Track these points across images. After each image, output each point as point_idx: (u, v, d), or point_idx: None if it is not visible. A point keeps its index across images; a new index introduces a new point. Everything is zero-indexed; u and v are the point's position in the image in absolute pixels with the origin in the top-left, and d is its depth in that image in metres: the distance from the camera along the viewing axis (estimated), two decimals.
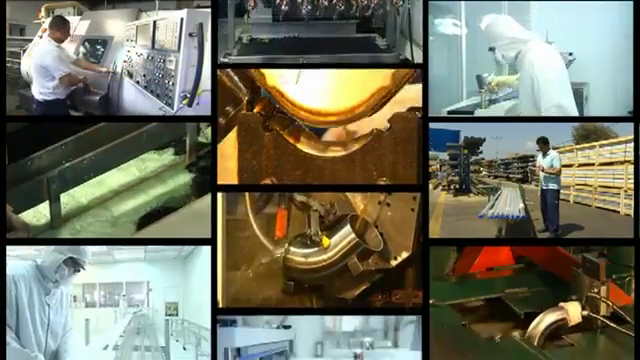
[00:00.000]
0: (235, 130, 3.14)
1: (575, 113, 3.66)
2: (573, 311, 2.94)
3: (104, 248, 5.55)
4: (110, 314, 7.00)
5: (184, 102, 4.16)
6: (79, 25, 5.31)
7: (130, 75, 4.78)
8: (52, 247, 3.15)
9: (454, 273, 3.62)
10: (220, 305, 3.20)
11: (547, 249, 3.45)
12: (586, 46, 3.96)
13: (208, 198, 3.23)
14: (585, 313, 2.96)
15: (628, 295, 3.26)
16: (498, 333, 3.09)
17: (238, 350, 3.05)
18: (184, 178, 3.90)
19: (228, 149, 3.15)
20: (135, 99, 4.62)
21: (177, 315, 6.53)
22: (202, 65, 4.10)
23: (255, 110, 3.25)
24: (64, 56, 4.38)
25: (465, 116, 4.11)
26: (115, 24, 5.01)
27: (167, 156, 4.05)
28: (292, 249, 3.18)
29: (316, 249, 3.12)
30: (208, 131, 3.83)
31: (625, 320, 2.96)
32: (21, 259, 3.39)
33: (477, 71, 4.40)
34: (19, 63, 5.34)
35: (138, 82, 4.64)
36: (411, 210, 3.18)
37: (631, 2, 3.47)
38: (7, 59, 4.12)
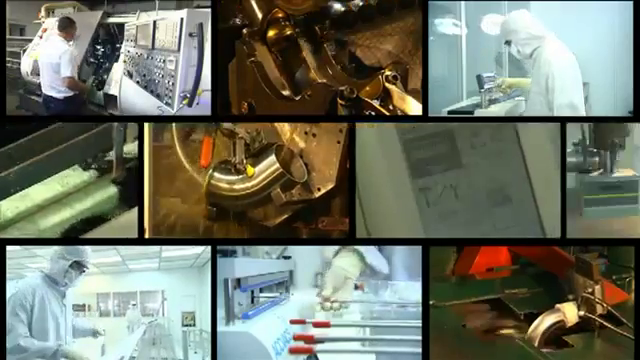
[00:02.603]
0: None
1: (583, 113, 3.67)
2: (569, 312, 2.93)
3: (118, 258, 5.57)
4: (124, 324, 6.97)
5: (184, 102, 4.16)
6: (53, 26, 5.40)
7: (130, 75, 4.79)
8: (55, 255, 3.27)
9: (454, 274, 3.62)
10: (146, 235, 3.24)
11: (544, 249, 3.45)
12: (586, 46, 3.95)
13: (134, 211, 3.27)
14: (581, 313, 2.94)
15: (624, 292, 3.24)
16: (498, 334, 3.10)
17: (238, 281, 3.04)
18: (110, 191, 3.92)
19: None
20: (135, 99, 4.63)
21: (194, 325, 6.50)
22: (202, 65, 4.11)
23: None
24: (74, 57, 4.53)
25: (465, 116, 4.11)
26: (83, 24, 5.15)
27: (91, 169, 4.08)
28: (216, 175, 3.18)
29: (240, 176, 3.12)
30: (133, 146, 3.88)
31: (620, 321, 2.93)
32: (30, 271, 3.56)
33: (477, 71, 4.40)
34: (19, 63, 5.35)
35: (138, 82, 4.64)
36: (337, 142, 3.18)
37: (631, 2, 3.46)
38: (7, 59, 4.13)
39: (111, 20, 5.51)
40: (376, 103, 3.01)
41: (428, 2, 3.44)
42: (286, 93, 3.21)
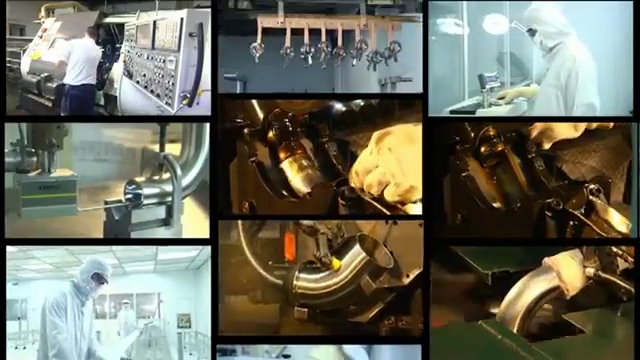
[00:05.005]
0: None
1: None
2: (568, 270, 1.82)
3: (114, 260, 5.58)
4: (117, 326, 6.98)
5: (184, 102, 4.16)
6: (53, 26, 5.42)
7: (130, 75, 4.79)
8: (85, 265, 3.64)
9: None
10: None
11: None
12: (586, 46, 3.96)
13: None
14: (591, 272, 1.85)
15: None
16: (453, 315, 2.38)
17: None
18: None
19: None
20: (135, 99, 4.63)
21: (190, 327, 6.49)
22: (202, 65, 4.10)
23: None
24: None
25: (467, 116, 4.11)
26: (80, 25, 5.22)
27: None
28: (302, 275, 3.16)
29: (327, 273, 3.11)
30: None
31: None
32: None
33: (479, 71, 4.41)
34: (19, 63, 5.35)
35: (138, 82, 4.64)
36: (419, 225, 3.15)
37: (631, 2, 3.47)
38: (7, 59, 4.14)
39: (111, 20, 5.51)
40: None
41: (429, 2, 3.44)
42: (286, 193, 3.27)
